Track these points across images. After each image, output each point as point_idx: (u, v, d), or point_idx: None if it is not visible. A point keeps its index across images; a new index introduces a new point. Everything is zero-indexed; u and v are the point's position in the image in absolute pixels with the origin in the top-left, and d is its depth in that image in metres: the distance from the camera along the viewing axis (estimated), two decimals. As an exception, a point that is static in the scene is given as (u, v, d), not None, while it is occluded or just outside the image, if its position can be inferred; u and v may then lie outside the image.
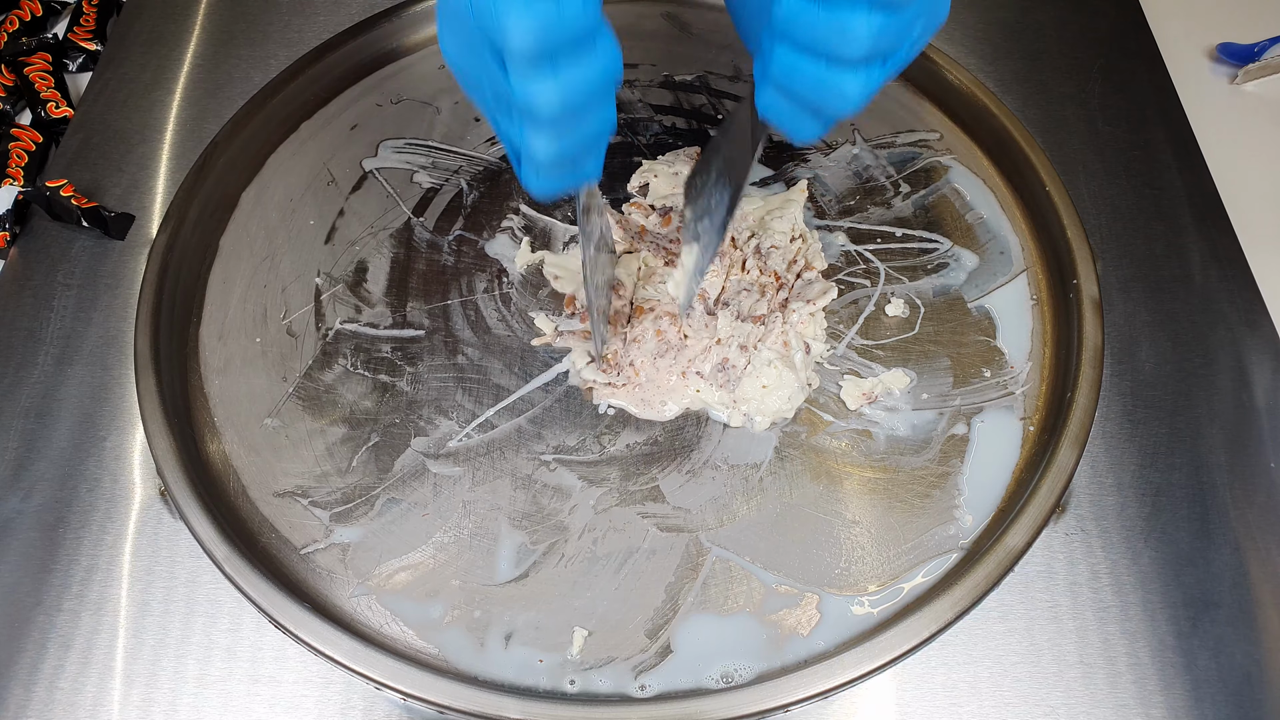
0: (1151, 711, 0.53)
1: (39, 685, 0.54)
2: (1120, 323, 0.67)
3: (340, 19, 0.82)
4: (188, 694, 0.54)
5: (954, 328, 0.61)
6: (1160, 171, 0.74)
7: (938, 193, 0.67)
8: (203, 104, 0.78)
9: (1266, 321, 0.67)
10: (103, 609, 0.56)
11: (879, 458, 0.57)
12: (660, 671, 0.50)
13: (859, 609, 0.52)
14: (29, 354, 0.65)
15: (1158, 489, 0.60)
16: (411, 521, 0.54)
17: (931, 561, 0.53)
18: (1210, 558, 0.58)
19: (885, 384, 0.59)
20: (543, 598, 0.52)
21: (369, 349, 0.61)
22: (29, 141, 0.77)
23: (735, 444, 0.57)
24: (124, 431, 0.62)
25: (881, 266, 0.64)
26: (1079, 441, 0.54)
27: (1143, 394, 0.64)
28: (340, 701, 0.54)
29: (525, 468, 0.56)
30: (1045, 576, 0.57)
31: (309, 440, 0.57)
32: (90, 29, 0.85)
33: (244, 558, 0.50)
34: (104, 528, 0.59)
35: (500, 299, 0.63)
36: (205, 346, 0.60)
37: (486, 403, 0.59)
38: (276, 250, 0.65)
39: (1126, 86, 0.80)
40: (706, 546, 0.54)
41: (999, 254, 0.64)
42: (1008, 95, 0.73)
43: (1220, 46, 0.83)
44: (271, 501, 0.55)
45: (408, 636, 0.51)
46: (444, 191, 0.68)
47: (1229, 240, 0.71)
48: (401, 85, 0.73)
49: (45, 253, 0.70)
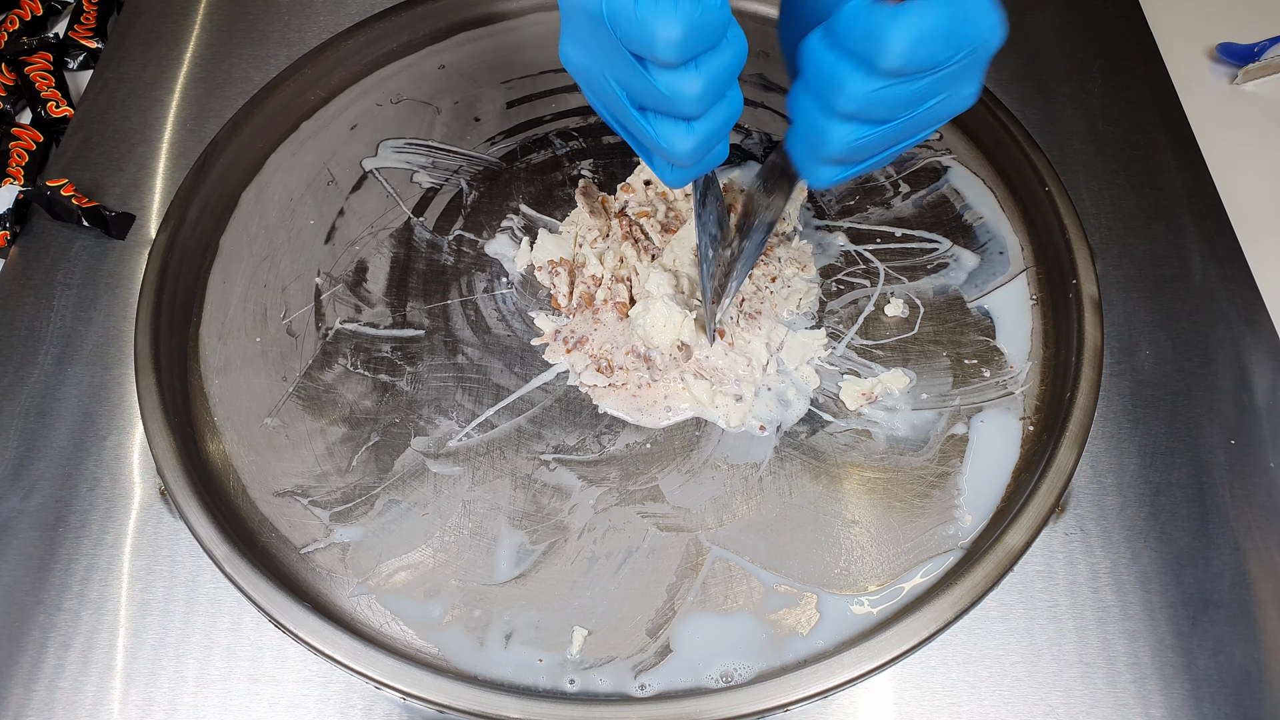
0: (1151, 711, 0.53)
1: (39, 684, 0.54)
2: (1120, 323, 0.67)
3: (340, 19, 0.82)
4: (188, 693, 0.54)
5: (953, 328, 0.61)
6: (1160, 171, 0.74)
7: (937, 193, 0.67)
8: (203, 104, 0.78)
9: (1266, 321, 0.67)
10: (103, 608, 0.56)
11: (878, 458, 0.57)
12: (660, 671, 0.50)
13: (859, 608, 0.52)
14: (29, 353, 0.65)
15: (1157, 489, 0.60)
16: (411, 521, 0.54)
17: (931, 561, 0.53)
18: (1210, 557, 0.58)
19: (885, 384, 0.59)
20: (542, 597, 0.52)
21: (369, 349, 0.61)
22: (29, 141, 0.77)
23: (735, 444, 0.57)
24: (124, 431, 0.62)
25: (881, 266, 0.64)
26: (1078, 441, 0.54)
27: (1142, 394, 0.64)
28: (340, 701, 0.54)
29: (525, 467, 0.56)
30: (1045, 576, 0.57)
31: (309, 440, 0.57)
32: (91, 27, 0.85)
33: (244, 557, 0.50)
34: (104, 527, 0.59)
35: (500, 299, 0.63)
36: (205, 346, 0.60)
37: (486, 402, 0.59)
38: (276, 250, 0.65)
39: (1126, 86, 0.80)
40: (706, 546, 0.54)
41: (998, 254, 0.64)
42: (1008, 95, 0.73)
43: (1220, 46, 0.82)
44: (271, 501, 0.55)
45: (407, 636, 0.51)
46: (444, 191, 0.68)
47: (1229, 240, 0.71)
48: (401, 85, 0.73)
49: (45, 252, 0.70)
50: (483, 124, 0.71)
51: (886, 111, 0.40)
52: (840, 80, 0.39)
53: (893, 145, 0.43)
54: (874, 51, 0.38)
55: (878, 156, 0.44)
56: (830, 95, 0.40)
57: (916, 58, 0.37)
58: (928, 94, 0.40)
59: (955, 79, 0.39)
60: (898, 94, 0.39)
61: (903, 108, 0.40)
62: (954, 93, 0.40)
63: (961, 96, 0.41)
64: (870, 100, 0.39)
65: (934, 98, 0.40)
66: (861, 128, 0.41)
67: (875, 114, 0.40)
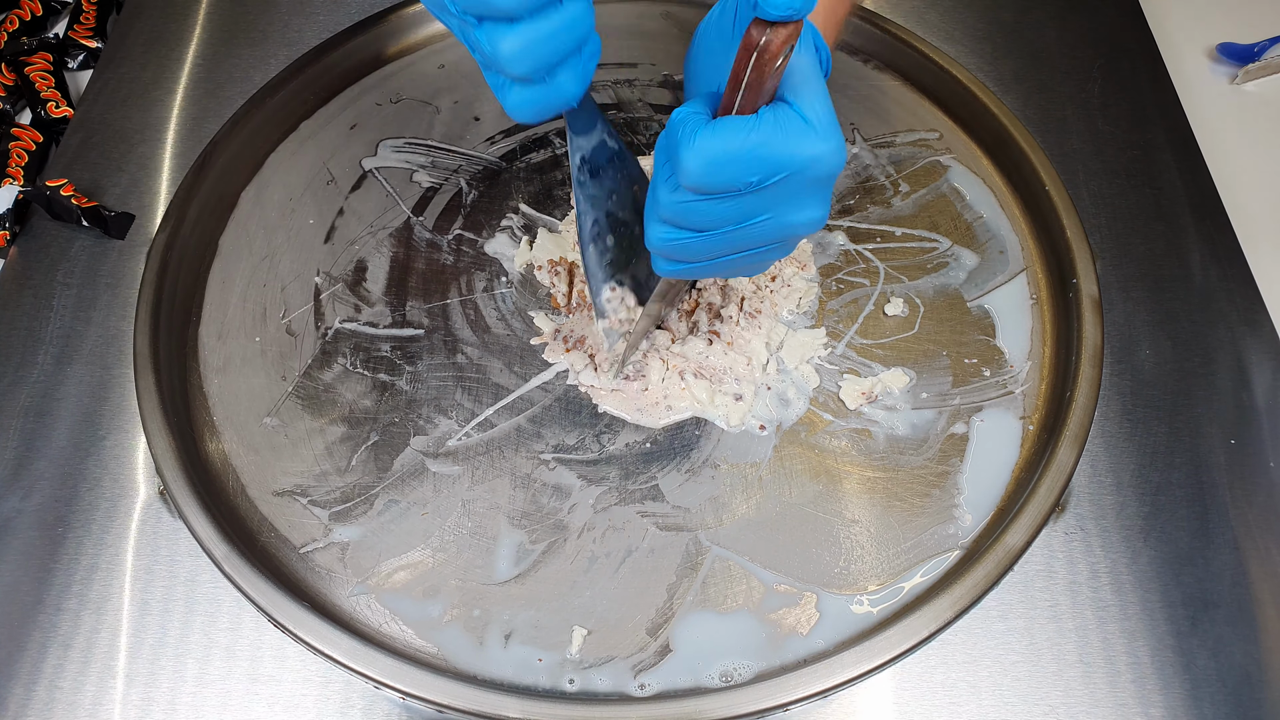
0: (1151, 711, 0.53)
1: (40, 684, 0.54)
2: (1120, 322, 0.67)
3: (340, 19, 0.82)
4: (187, 693, 0.54)
5: (953, 327, 0.61)
6: (1160, 171, 0.74)
7: (937, 192, 0.67)
8: (203, 103, 0.78)
9: (1266, 321, 0.67)
10: (103, 608, 0.56)
11: (878, 457, 0.57)
12: (660, 670, 0.50)
13: (858, 608, 0.52)
14: (29, 353, 0.65)
15: (1157, 488, 0.60)
16: (411, 520, 0.54)
17: (931, 560, 0.53)
18: (1210, 557, 0.58)
19: (885, 383, 0.59)
20: (542, 596, 0.52)
21: (368, 348, 0.61)
22: (29, 141, 0.77)
23: (735, 443, 0.57)
24: (124, 431, 0.62)
25: (881, 266, 0.64)
26: (1078, 441, 0.54)
27: (1142, 394, 0.64)
28: (340, 701, 0.54)
29: (524, 467, 0.56)
30: (1045, 576, 0.57)
31: (308, 439, 0.57)
32: (90, 26, 0.85)
33: (243, 557, 0.50)
34: (104, 527, 0.59)
35: (500, 298, 0.63)
36: (205, 346, 0.60)
37: (486, 401, 0.59)
38: (276, 249, 0.65)
39: (1126, 86, 0.80)
40: (706, 545, 0.54)
41: (998, 253, 0.64)
42: (1008, 95, 0.73)
43: (1220, 46, 0.83)
44: (271, 500, 0.55)
45: (407, 635, 0.51)
46: (443, 191, 0.68)
47: (1229, 240, 0.71)
48: (401, 85, 0.73)
49: (45, 252, 0.70)
50: (482, 123, 0.71)
51: (700, 222, 0.39)
52: (655, 183, 0.38)
53: (725, 255, 0.41)
54: (675, 164, 0.37)
55: (713, 261, 0.42)
56: (651, 194, 0.39)
57: (713, 178, 0.36)
58: (751, 211, 0.38)
59: (781, 200, 0.38)
60: (709, 208, 0.37)
61: (722, 221, 0.38)
62: (783, 214, 0.38)
63: (799, 218, 0.39)
64: (678, 210, 0.38)
65: (759, 216, 0.38)
66: (677, 232, 0.40)
67: (688, 223, 0.39)
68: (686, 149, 0.36)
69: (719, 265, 0.43)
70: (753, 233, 0.39)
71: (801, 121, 0.36)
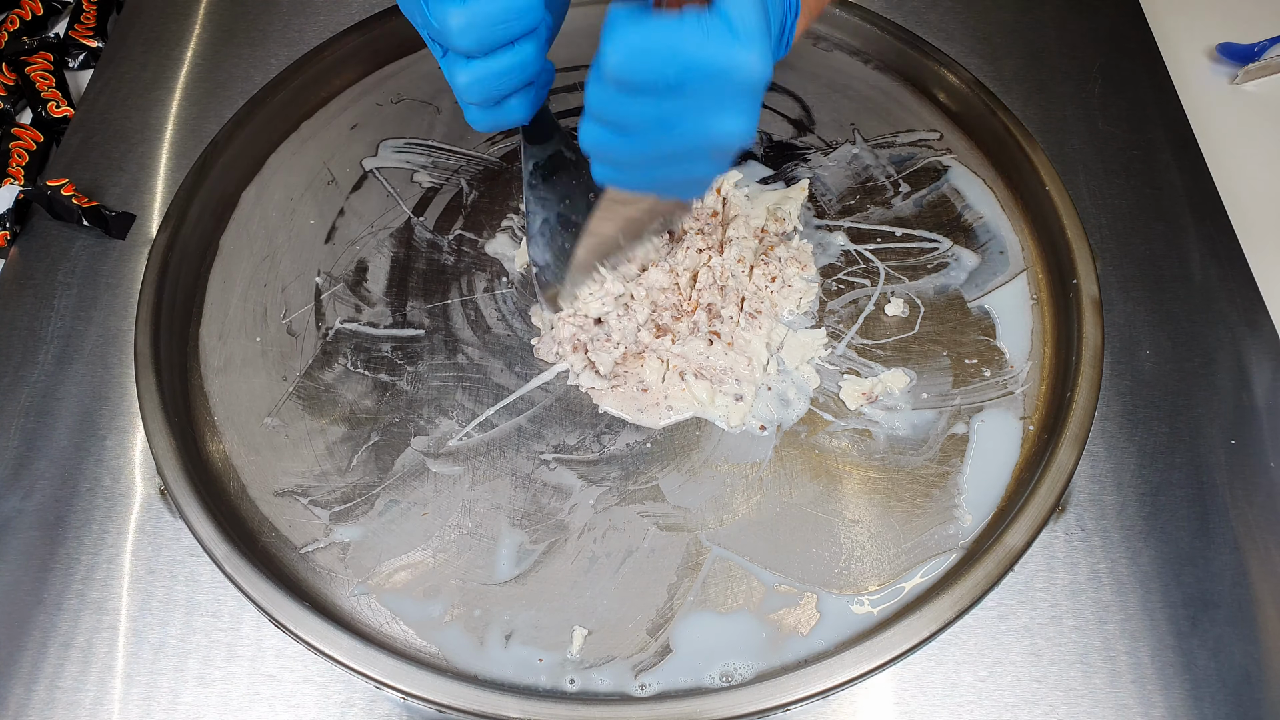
0: (1151, 711, 0.53)
1: (40, 684, 0.54)
2: (1120, 322, 0.67)
3: (340, 19, 0.82)
4: (188, 693, 0.54)
5: (954, 327, 0.61)
6: (1160, 171, 0.74)
7: (937, 192, 0.67)
8: (203, 103, 0.78)
9: (1266, 321, 0.67)
10: (103, 608, 0.56)
11: (879, 457, 0.57)
12: (660, 670, 0.50)
13: (859, 608, 0.52)
14: (29, 353, 0.65)
15: (1157, 489, 0.60)
16: (411, 520, 0.54)
17: (931, 561, 0.53)
18: (1210, 557, 0.58)
19: (885, 383, 0.59)
20: (542, 597, 0.52)
21: (369, 348, 0.61)
22: (30, 141, 0.77)
23: (735, 443, 0.57)
24: (124, 431, 0.62)
25: (881, 266, 0.64)
26: (1079, 441, 0.54)
27: (1143, 394, 0.64)
28: (340, 701, 0.54)
29: (525, 467, 0.56)
30: (1045, 576, 0.57)
31: (309, 439, 0.57)
32: (91, 26, 0.85)
33: (244, 557, 0.50)
34: (104, 527, 0.59)
35: (500, 298, 0.63)
36: (205, 346, 0.60)
37: (486, 402, 0.59)
38: (277, 250, 0.65)
39: (1126, 86, 0.80)
40: (706, 545, 0.54)
41: (999, 253, 0.64)
42: (1008, 95, 0.73)
43: (1220, 46, 0.83)
44: (271, 500, 0.55)
45: (407, 635, 0.51)
46: (444, 191, 0.68)
47: (1229, 240, 0.71)
48: (401, 85, 0.73)
49: (46, 252, 0.70)
50: (483, 124, 0.71)
51: (622, 118, 0.39)
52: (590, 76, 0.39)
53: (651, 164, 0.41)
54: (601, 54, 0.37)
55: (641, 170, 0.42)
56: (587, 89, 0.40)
57: (631, 70, 0.36)
58: (672, 114, 0.38)
59: (703, 107, 0.37)
60: (631, 104, 0.38)
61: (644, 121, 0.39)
62: (705, 120, 0.38)
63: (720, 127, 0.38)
64: (602, 103, 0.39)
65: (681, 119, 0.38)
66: (603, 129, 0.40)
67: (613, 119, 0.39)
68: (608, 39, 0.37)
69: (648, 176, 0.43)
70: (675, 138, 0.39)
71: (724, 25, 0.36)
